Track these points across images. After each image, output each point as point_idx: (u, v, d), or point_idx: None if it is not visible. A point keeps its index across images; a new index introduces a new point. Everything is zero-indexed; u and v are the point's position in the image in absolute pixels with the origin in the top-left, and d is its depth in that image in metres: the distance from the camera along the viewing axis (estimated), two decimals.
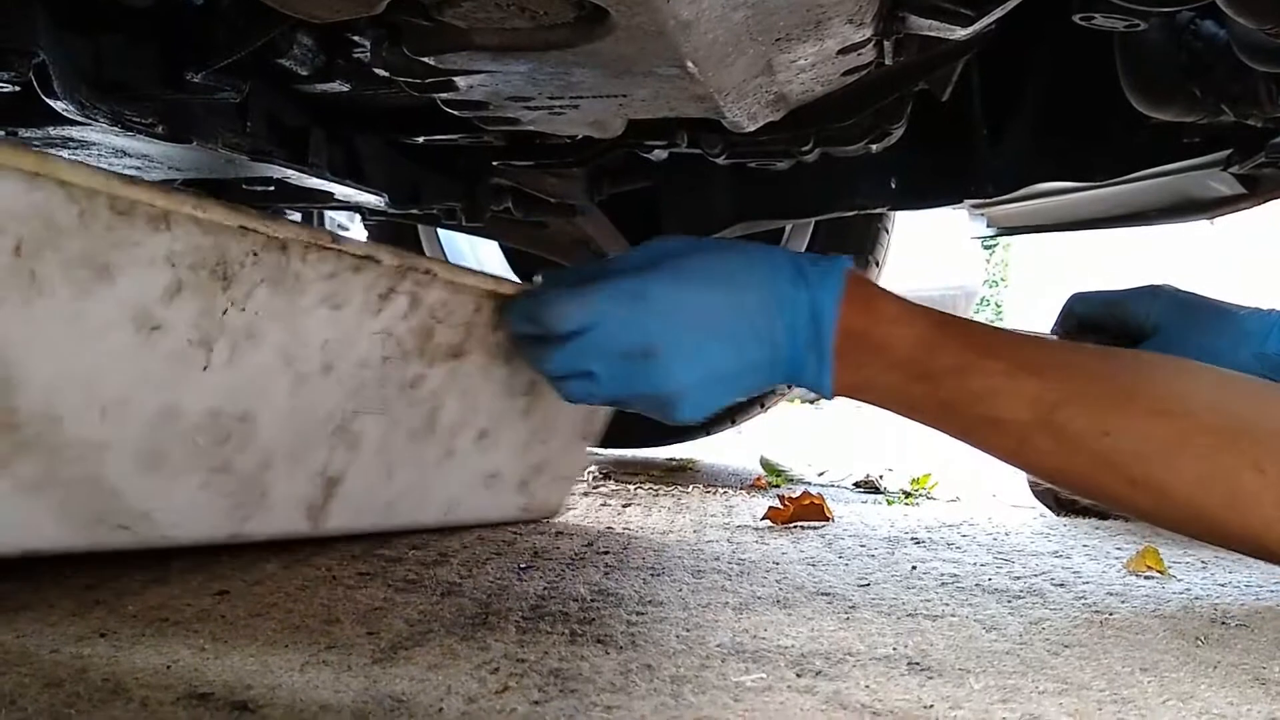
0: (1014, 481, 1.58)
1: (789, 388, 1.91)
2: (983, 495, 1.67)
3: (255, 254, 0.73)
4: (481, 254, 2.04)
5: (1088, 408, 0.75)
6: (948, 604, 0.81)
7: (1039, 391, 0.75)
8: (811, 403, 4.49)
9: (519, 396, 1.00)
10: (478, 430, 0.97)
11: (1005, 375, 0.76)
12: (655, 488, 1.53)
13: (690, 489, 1.54)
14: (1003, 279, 9.69)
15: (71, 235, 0.63)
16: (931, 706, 0.56)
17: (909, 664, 0.64)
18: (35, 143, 0.92)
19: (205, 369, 0.73)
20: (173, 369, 0.71)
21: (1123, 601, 0.84)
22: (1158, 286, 1.12)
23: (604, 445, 2.07)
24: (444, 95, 0.82)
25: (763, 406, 1.95)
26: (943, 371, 0.77)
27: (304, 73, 0.83)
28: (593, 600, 0.77)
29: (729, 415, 1.95)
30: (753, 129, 0.91)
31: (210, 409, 0.74)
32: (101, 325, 0.66)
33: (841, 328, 0.77)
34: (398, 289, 0.84)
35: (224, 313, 0.73)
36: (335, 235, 0.79)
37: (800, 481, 1.76)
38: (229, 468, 0.77)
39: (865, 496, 1.62)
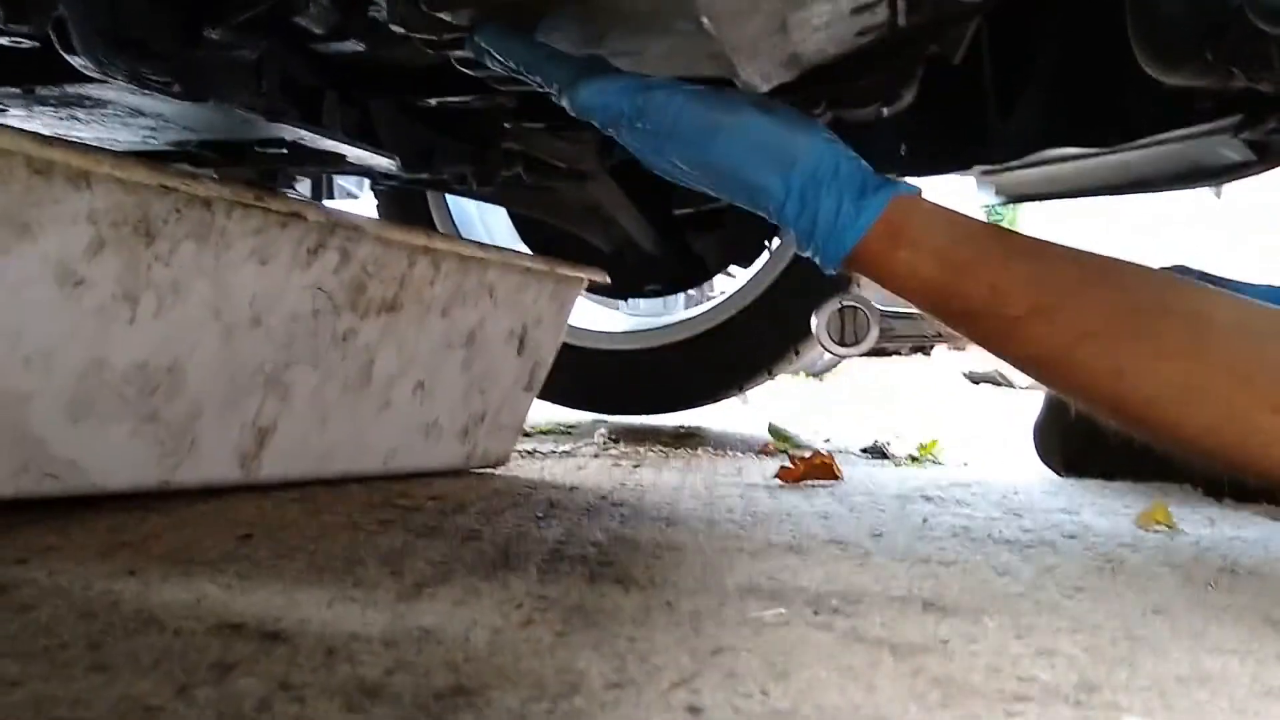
0: (1022, 448, 1.59)
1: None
2: (989, 460, 1.68)
3: (179, 211, 0.76)
4: (490, 221, 2.05)
5: (1102, 349, 0.74)
6: (960, 552, 0.82)
7: (1053, 332, 0.75)
8: (817, 376, 4.50)
9: (457, 348, 1.02)
10: (415, 381, 1.00)
11: (1020, 322, 0.76)
12: (665, 451, 1.54)
13: (699, 452, 1.55)
14: None
15: None
16: (948, 641, 0.57)
17: (924, 604, 0.65)
18: (52, 100, 0.93)
19: (131, 322, 0.75)
20: (97, 322, 0.73)
21: (1133, 551, 0.85)
22: (1169, 270, 1.12)
23: (611, 411, 2.09)
24: (458, 52, 0.82)
25: (770, 374, 1.96)
26: (955, 312, 0.77)
27: (319, 31, 0.84)
28: (610, 545, 0.79)
29: (737, 383, 1.96)
30: (766, 90, 0.92)
31: (137, 361, 0.77)
32: (22, 281, 0.68)
33: (860, 244, 0.77)
34: (327, 244, 0.87)
35: (148, 268, 0.75)
36: (260, 192, 0.81)
37: (808, 447, 1.77)
38: (158, 417, 0.79)
39: (873, 461, 1.63)
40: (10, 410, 0.70)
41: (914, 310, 0.84)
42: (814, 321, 1.64)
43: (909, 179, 0.83)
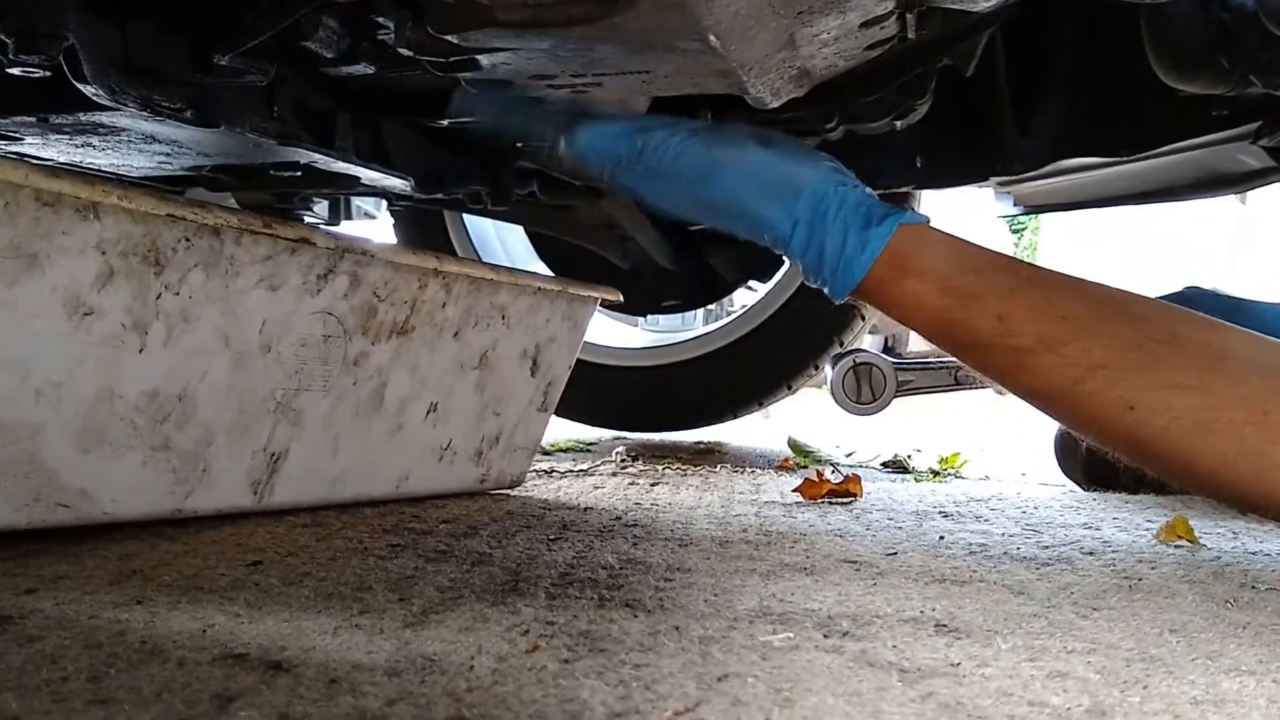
0: (1044, 460, 1.58)
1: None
2: (1012, 473, 1.66)
3: (188, 239, 0.77)
4: (507, 240, 2.05)
5: (1112, 382, 0.73)
6: (975, 571, 0.81)
7: (1062, 365, 0.74)
8: None
9: (470, 370, 1.02)
10: (428, 404, 1.00)
11: (1028, 354, 0.75)
12: (683, 468, 1.54)
13: (718, 469, 1.55)
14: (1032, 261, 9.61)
15: None
16: (959, 665, 0.56)
17: (936, 625, 0.64)
18: (66, 128, 0.93)
19: (141, 351, 0.76)
20: (107, 352, 0.73)
21: (1152, 568, 0.84)
22: (1183, 293, 1.11)
23: (631, 428, 2.08)
24: (468, 74, 0.82)
25: (790, 389, 1.95)
26: (962, 343, 0.77)
27: (329, 55, 0.84)
28: (621, 568, 0.78)
29: (757, 399, 1.96)
30: (776, 105, 0.91)
31: (148, 389, 0.77)
32: (32, 312, 0.69)
33: (867, 275, 0.77)
34: (337, 269, 0.87)
35: (158, 297, 0.76)
36: (268, 220, 0.81)
37: (828, 462, 1.76)
38: (169, 445, 0.79)
39: (893, 476, 1.62)
40: (21, 441, 0.70)
41: (930, 360, 0.84)
42: (829, 378, 1.64)
43: (926, 191, 0.84)
